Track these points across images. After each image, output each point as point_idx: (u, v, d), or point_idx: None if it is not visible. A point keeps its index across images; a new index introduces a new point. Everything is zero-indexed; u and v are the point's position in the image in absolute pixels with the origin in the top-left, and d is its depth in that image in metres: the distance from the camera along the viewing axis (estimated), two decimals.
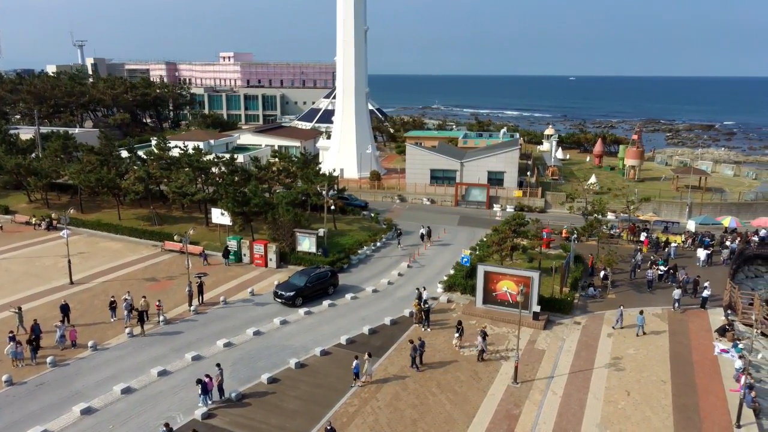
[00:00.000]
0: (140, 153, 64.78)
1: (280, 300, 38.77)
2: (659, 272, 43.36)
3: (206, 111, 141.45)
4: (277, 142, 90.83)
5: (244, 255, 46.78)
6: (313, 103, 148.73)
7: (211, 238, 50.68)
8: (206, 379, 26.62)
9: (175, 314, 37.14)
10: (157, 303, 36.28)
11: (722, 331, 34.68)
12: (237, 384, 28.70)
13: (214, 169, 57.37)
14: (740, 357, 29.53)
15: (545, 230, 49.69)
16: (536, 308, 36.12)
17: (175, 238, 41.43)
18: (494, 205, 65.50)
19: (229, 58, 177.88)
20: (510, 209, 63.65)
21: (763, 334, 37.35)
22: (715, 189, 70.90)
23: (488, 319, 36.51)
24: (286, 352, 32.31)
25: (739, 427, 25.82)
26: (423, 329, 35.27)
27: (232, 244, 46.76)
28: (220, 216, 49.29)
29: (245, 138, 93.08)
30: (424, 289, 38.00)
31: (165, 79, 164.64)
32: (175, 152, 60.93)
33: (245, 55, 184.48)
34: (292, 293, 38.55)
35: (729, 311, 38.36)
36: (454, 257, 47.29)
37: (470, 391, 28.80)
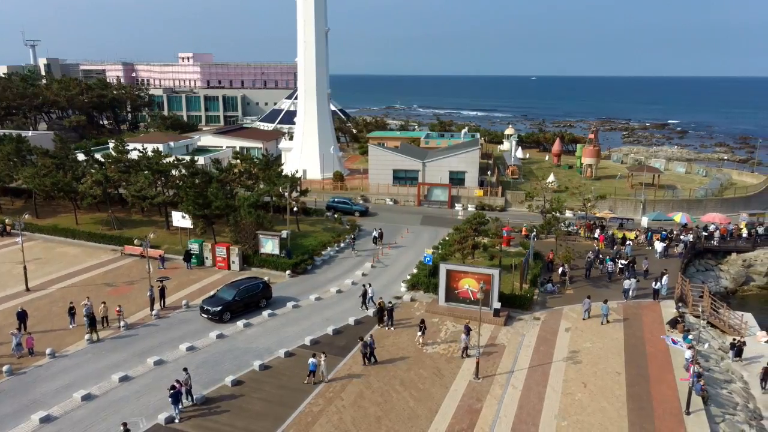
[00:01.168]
0: (97, 156, 63.55)
1: (206, 315, 36.46)
2: (620, 265, 45.03)
3: (165, 112, 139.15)
4: (238, 143, 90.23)
5: (207, 258, 46.42)
6: (275, 103, 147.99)
7: (172, 242, 50.11)
8: (177, 386, 26.38)
9: (137, 319, 36.70)
10: (118, 308, 35.73)
11: (674, 323, 36.09)
12: (201, 388, 28.57)
13: (175, 172, 56.71)
14: (689, 347, 30.86)
15: (505, 228, 50.70)
16: (497, 305, 36.96)
17: (136, 242, 40.92)
18: (456, 205, 66.44)
19: (188, 58, 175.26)
20: (471, 208, 64.66)
21: (710, 324, 39.05)
22: (667, 186, 73.32)
23: (451, 317, 37.19)
24: (249, 354, 32.31)
25: (688, 414, 27.00)
26: (387, 328, 35.71)
27: (194, 248, 46.35)
28: (181, 219, 48.79)
29: (206, 140, 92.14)
30: (370, 286, 39.11)
31: (122, 80, 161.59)
32: (134, 155, 60.02)
33: (205, 56, 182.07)
34: (218, 308, 36.21)
35: (680, 303, 39.90)
36: (417, 256, 47.89)
37: (433, 388, 29.35)
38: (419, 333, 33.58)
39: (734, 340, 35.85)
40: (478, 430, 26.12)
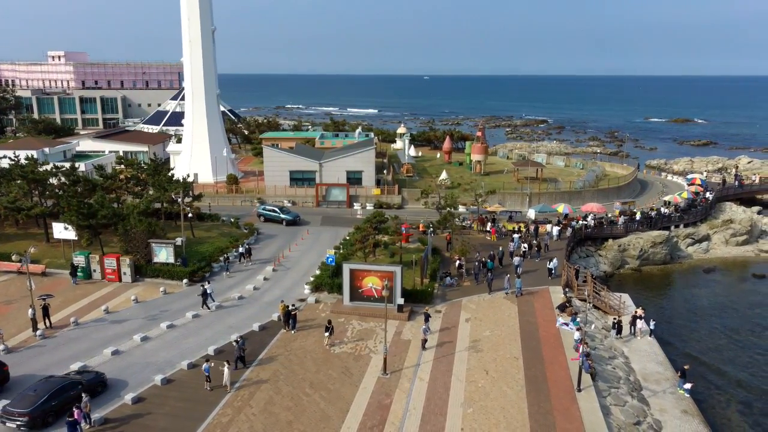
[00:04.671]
0: None
1: None
2: (523, 248, 48.61)
3: (36, 115, 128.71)
4: (122, 147, 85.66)
5: (95, 271, 43.69)
6: (159, 105, 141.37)
7: (54, 255, 46.64)
8: (77, 413, 24.66)
9: (18, 342, 33.91)
10: None
11: (562, 308, 38.68)
12: (98, 408, 26.93)
13: (53, 180, 52.79)
14: (578, 329, 33.29)
15: (404, 225, 51.87)
16: (400, 301, 37.83)
17: (14, 257, 37.61)
18: (355, 204, 67.01)
19: (59, 57, 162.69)
20: (370, 207, 65.50)
21: (595, 306, 42.29)
22: (549, 179, 78.17)
23: (356, 316, 37.58)
24: (149, 369, 30.89)
25: (579, 391, 29.13)
26: (290, 331, 35.45)
27: (80, 260, 43.45)
28: (63, 230, 45.54)
29: (85, 144, 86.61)
30: (208, 283, 39.90)
31: None
32: (4, 163, 55.17)
33: (78, 55, 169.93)
34: None
35: (567, 289, 42.85)
36: (319, 258, 47.83)
37: (343, 387, 29.58)
38: (326, 334, 33.67)
39: (615, 319, 39.10)
40: (389, 424, 26.69)
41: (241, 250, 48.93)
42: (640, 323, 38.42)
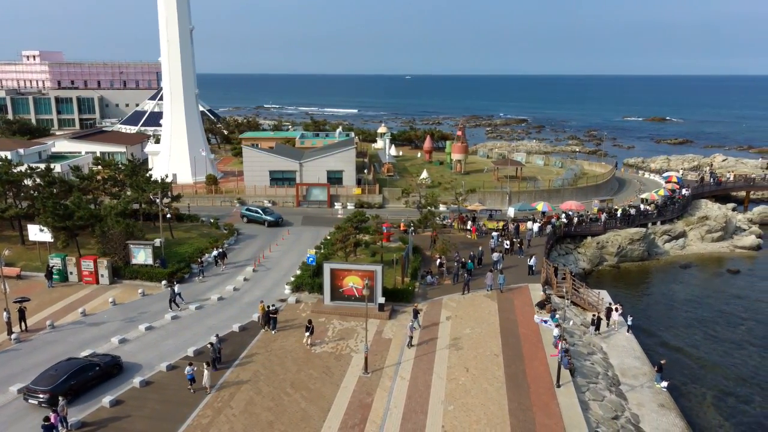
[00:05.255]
0: None
1: None
2: (506, 246, 49.24)
3: (10, 116, 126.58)
4: (99, 148, 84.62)
5: (71, 273, 43.08)
6: (137, 105, 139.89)
7: (29, 258, 45.89)
8: (53, 417, 24.37)
9: None
10: None
11: (542, 305, 39.04)
12: (76, 412, 26.59)
13: (28, 181, 51.98)
14: (557, 326, 33.62)
15: (385, 225, 51.92)
16: (381, 300, 37.86)
17: None
18: (335, 204, 66.91)
19: (34, 57, 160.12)
20: (351, 206, 65.47)
21: (573, 303, 42.75)
22: (529, 178, 78.79)
23: (337, 315, 37.54)
24: (128, 371, 30.51)
25: (559, 386, 29.43)
26: (270, 332, 35.30)
27: (56, 263, 42.82)
28: (39, 232, 44.84)
29: (61, 145, 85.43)
30: (175, 283, 40.16)
31: None
32: None
33: (54, 54, 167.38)
34: None
35: (546, 286, 43.24)
36: (300, 257, 47.69)
37: (324, 387, 29.54)
38: (307, 333, 33.59)
39: (593, 315, 39.56)
40: (370, 423, 26.70)
41: (215, 253, 47.90)
42: (615, 315, 39.35)
